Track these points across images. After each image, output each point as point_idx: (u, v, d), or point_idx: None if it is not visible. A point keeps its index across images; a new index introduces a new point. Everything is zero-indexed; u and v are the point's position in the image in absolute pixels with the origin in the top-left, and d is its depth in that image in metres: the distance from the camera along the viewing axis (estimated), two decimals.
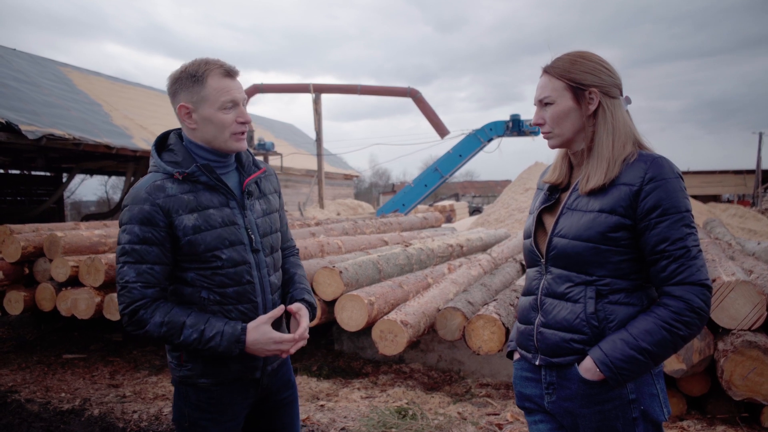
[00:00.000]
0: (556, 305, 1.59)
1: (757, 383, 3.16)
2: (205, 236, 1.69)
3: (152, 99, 21.27)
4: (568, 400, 1.59)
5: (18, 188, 19.09)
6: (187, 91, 1.71)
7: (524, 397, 1.74)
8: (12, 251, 5.35)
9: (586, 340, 1.54)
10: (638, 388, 1.55)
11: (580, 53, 1.62)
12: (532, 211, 1.76)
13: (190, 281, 1.73)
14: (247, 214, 1.79)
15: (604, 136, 1.56)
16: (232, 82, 1.72)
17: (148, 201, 1.66)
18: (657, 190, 1.47)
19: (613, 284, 1.53)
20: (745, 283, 3.40)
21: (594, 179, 1.55)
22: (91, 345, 5.92)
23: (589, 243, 1.52)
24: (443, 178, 16.36)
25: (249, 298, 1.77)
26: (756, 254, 5.72)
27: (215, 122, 1.70)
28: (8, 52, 16.51)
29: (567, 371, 1.59)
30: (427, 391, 4.32)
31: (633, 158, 1.53)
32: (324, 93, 19.45)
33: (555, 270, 1.60)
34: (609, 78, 1.58)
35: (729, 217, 20.06)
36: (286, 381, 1.99)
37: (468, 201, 41.02)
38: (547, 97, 1.62)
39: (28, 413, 4.01)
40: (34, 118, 12.17)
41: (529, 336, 1.67)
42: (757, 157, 38.56)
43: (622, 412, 1.54)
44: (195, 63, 1.72)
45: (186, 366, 1.78)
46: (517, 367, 1.77)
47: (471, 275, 5.47)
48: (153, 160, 1.77)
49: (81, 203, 40.71)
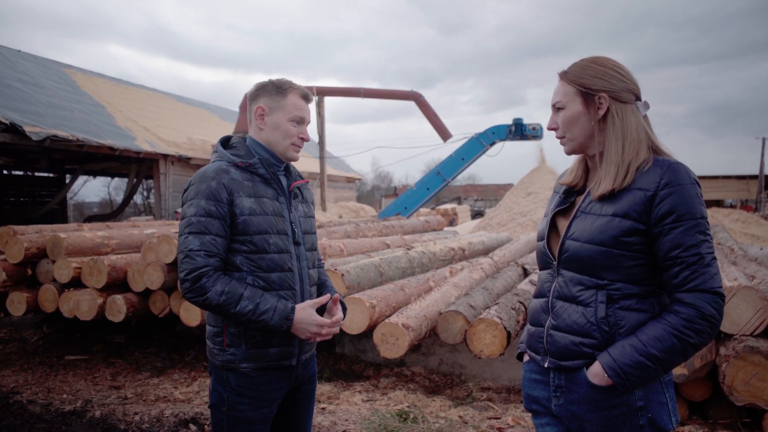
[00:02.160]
0: (567, 308, 1.59)
1: (759, 389, 3.15)
2: (259, 219, 1.89)
3: (156, 101, 21.33)
4: (575, 404, 1.58)
5: (21, 189, 19.16)
6: (268, 97, 1.98)
7: (532, 399, 1.73)
8: (15, 252, 5.36)
9: (595, 344, 1.53)
10: (646, 396, 1.53)
11: (594, 58, 1.63)
12: (547, 214, 1.76)
13: (238, 265, 1.89)
14: (292, 210, 2.01)
15: (614, 140, 1.56)
16: (306, 105, 2.00)
17: (215, 179, 1.87)
18: (672, 196, 1.46)
19: (624, 289, 1.52)
20: (748, 289, 3.40)
21: (604, 185, 1.54)
22: (93, 346, 5.93)
23: (602, 247, 1.51)
24: (446, 181, 16.37)
25: (289, 284, 1.94)
26: (758, 259, 5.71)
27: (282, 129, 1.96)
28: (13, 53, 16.57)
29: (575, 375, 1.58)
30: (428, 394, 4.32)
31: (648, 165, 1.52)
32: (327, 96, 19.50)
33: (567, 273, 1.60)
34: (621, 83, 1.58)
35: (732, 222, 20.00)
36: (311, 375, 2.15)
37: (470, 204, 41.04)
38: (558, 101, 1.64)
39: (29, 414, 4.02)
40: (38, 120, 12.22)
41: (539, 338, 1.67)
42: (761, 163, 38.46)
43: (629, 418, 1.52)
44: (282, 79, 2.02)
45: (228, 351, 1.92)
46: (526, 369, 1.76)
47: (473, 279, 5.47)
48: (218, 152, 2.01)
49: (84, 204, 40.85)
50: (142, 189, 32.17)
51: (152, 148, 15.25)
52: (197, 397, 4.38)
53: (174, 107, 22.19)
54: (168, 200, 15.78)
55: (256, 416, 1.93)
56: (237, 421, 1.93)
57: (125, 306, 4.94)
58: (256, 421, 1.94)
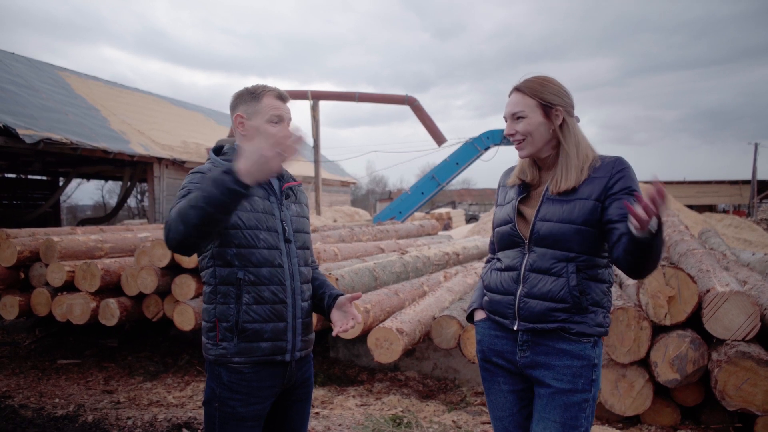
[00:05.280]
0: (540, 279, 1.86)
1: (751, 394, 3.17)
2: (249, 215, 1.95)
3: (150, 104, 21.27)
4: (542, 355, 1.86)
5: (14, 192, 19.05)
6: (244, 105, 2.03)
7: (494, 353, 1.98)
8: (8, 255, 5.34)
9: (567, 308, 1.82)
10: (599, 356, 1.87)
11: (546, 77, 1.93)
12: (503, 204, 2.04)
13: (229, 259, 1.94)
14: (283, 209, 2.06)
15: (571, 146, 1.87)
16: (282, 104, 2.05)
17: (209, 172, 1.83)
18: (623, 178, 1.80)
19: (590, 261, 1.83)
20: (739, 294, 3.42)
21: (565, 182, 1.84)
22: (86, 350, 5.90)
23: (573, 225, 1.81)
24: (440, 185, 16.37)
25: (279, 279, 1.98)
26: (751, 265, 5.74)
27: (262, 131, 2.00)
28: (7, 56, 16.50)
29: (545, 333, 1.85)
30: (422, 399, 4.32)
31: (599, 162, 1.86)
32: (322, 100, 19.48)
33: (539, 249, 1.87)
34: (568, 100, 1.92)
35: (724, 227, 20.12)
36: (306, 378, 2.15)
37: (465, 209, 41.11)
38: (521, 111, 1.90)
39: (21, 419, 4.00)
40: (31, 122, 12.16)
41: (508, 305, 1.92)
42: (753, 168, 38.73)
43: (587, 372, 1.83)
44: (256, 85, 2.07)
45: (221, 345, 1.95)
46: (485, 327, 2.02)
47: (467, 283, 5.49)
48: (211, 159, 2.09)
49: (77, 207, 40.62)
50: (136, 192, 32.03)
51: (146, 151, 15.20)
52: (190, 402, 4.36)
53: (168, 110, 22.13)
54: (162, 203, 15.72)
55: (248, 413, 1.95)
56: (228, 417, 1.95)
57: (118, 310, 4.92)
58: (248, 417, 1.96)
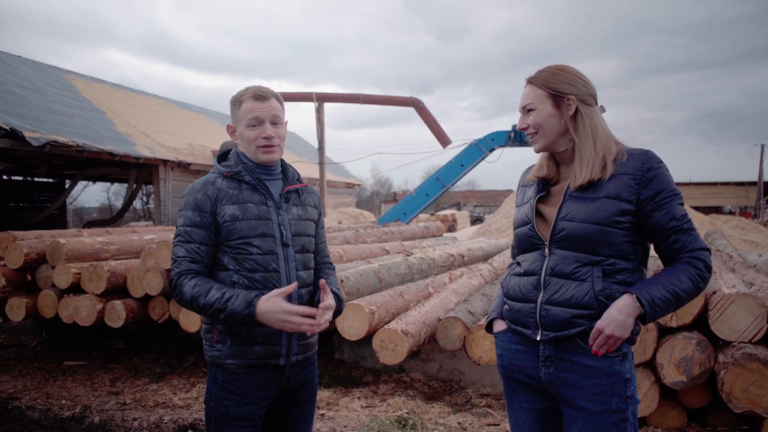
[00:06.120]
0: (563, 284, 1.71)
1: (758, 396, 3.16)
2: (241, 225, 1.98)
3: (155, 106, 21.35)
4: (567, 372, 1.71)
5: (21, 194, 19.16)
6: (232, 114, 2.09)
7: (515, 369, 1.84)
8: (15, 257, 5.37)
9: (593, 315, 1.67)
10: (630, 370, 1.70)
11: (560, 66, 1.81)
12: (521, 204, 1.91)
13: (225, 264, 1.99)
14: (281, 213, 2.06)
15: (583, 138, 1.74)
16: (260, 104, 2.01)
17: (201, 191, 2.00)
18: (656, 178, 1.68)
19: (616, 264, 1.69)
20: (746, 296, 3.41)
21: (581, 176, 1.72)
22: (92, 352, 5.93)
23: (598, 225, 1.67)
24: (445, 187, 16.38)
25: (274, 284, 1.98)
26: (757, 266, 5.71)
27: (245, 137, 2.03)
28: (13, 59, 16.60)
29: (568, 345, 1.71)
30: (427, 400, 4.31)
31: (625, 156, 1.72)
32: (327, 102, 19.52)
33: (560, 252, 1.73)
34: (584, 88, 1.78)
35: (731, 228, 20.03)
36: (308, 380, 2.15)
37: (469, 210, 41.03)
38: (530, 104, 1.80)
39: (28, 420, 4.02)
40: (38, 125, 12.24)
41: (529, 313, 1.77)
42: (759, 169, 38.56)
43: (619, 389, 1.68)
44: (240, 90, 2.07)
45: (216, 347, 2.00)
46: (505, 340, 1.88)
47: (472, 285, 5.48)
48: (213, 168, 2.12)
49: (83, 210, 40.81)
50: (141, 194, 32.16)
51: (152, 153, 15.26)
52: (196, 403, 4.37)
53: (174, 113, 22.20)
54: (168, 206, 15.77)
55: (242, 413, 1.98)
56: (223, 416, 1.98)
57: (124, 312, 4.94)
58: (242, 417, 1.98)
